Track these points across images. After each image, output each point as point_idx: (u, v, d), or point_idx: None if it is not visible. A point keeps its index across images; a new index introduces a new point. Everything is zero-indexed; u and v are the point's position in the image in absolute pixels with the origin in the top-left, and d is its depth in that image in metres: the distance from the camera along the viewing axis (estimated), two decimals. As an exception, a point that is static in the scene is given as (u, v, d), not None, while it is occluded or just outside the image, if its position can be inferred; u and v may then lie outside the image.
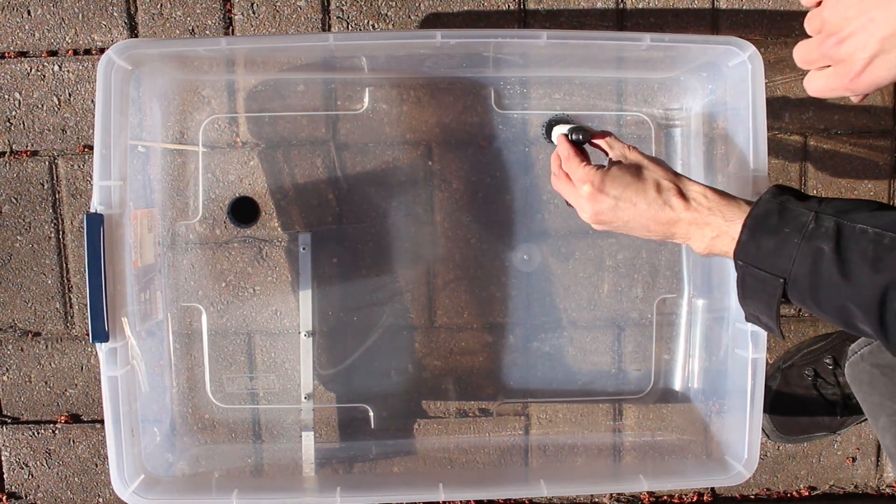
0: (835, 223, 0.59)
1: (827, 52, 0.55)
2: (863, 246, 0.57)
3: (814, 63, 0.58)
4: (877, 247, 0.57)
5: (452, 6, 0.94)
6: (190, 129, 0.92)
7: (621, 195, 0.68)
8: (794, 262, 0.60)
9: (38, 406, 0.99)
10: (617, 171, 0.69)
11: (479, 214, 0.94)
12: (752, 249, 0.62)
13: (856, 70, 0.54)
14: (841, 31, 0.54)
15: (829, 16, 0.54)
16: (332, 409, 0.97)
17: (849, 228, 0.58)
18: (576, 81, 0.93)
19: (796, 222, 0.60)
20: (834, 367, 0.96)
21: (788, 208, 0.62)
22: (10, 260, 0.96)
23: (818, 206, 0.61)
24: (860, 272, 0.57)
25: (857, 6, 0.52)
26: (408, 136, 0.93)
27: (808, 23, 0.58)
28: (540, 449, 0.99)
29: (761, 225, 0.62)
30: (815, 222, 0.60)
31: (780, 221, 0.61)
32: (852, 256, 0.57)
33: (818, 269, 0.58)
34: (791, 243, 0.60)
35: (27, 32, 0.93)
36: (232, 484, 0.88)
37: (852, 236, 0.58)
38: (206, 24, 0.94)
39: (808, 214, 0.60)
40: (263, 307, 0.95)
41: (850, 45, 0.53)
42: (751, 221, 0.63)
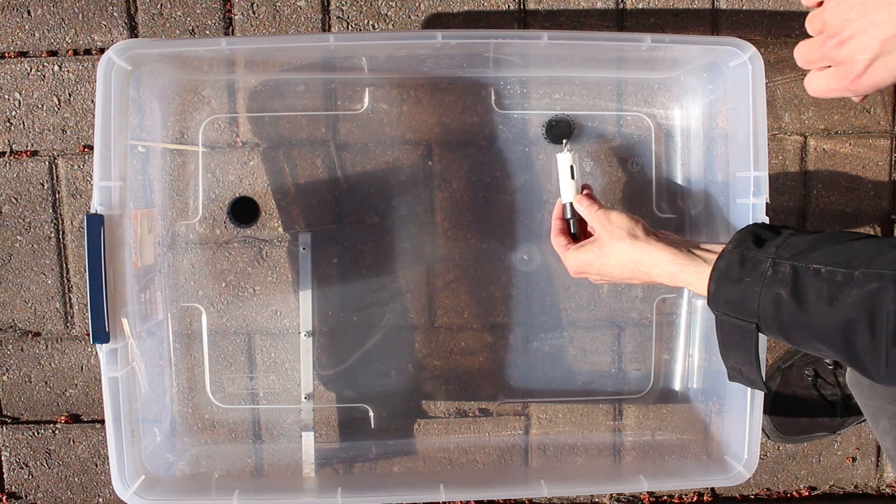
0: (790, 267, 0.62)
1: (828, 53, 0.55)
2: (818, 286, 0.60)
3: (815, 63, 0.58)
4: (830, 285, 0.59)
5: (452, 6, 0.94)
6: (190, 129, 0.92)
7: (602, 274, 0.78)
8: (759, 306, 0.63)
9: (38, 406, 0.99)
10: (590, 256, 0.78)
11: (479, 214, 0.94)
12: (721, 300, 0.66)
13: (857, 71, 0.54)
14: (842, 33, 0.54)
15: (830, 17, 0.55)
16: (332, 409, 0.97)
17: (803, 270, 0.61)
18: (576, 81, 0.93)
19: (756, 271, 0.64)
20: (834, 367, 0.97)
21: (748, 257, 0.65)
22: (10, 260, 0.96)
23: (776, 252, 0.64)
24: (818, 312, 0.59)
25: (859, 8, 0.52)
26: (408, 136, 0.93)
27: (810, 23, 0.58)
28: (540, 449, 0.99)
29: (725, 277, 0.66)
30: (773, 269, 0.63)
31: (741, 272, 0.65)
32: (809, 298, 0.60)
33: (780, 312, 0.62)
34: (753, 291, 0.63)
35: (27, 32, 0.93)
36: (232, 484, 0.88)
37: (807, 278, 0.61)
38: (206, 24, 0.94)
39: (765, 262, 0.64)
40: (263, 307, 0.95)
41: (851, 46, 0.53)
42: (715, 274, 0.67)
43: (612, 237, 0.76)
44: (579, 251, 0.79)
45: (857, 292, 0.58)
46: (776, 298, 0.62)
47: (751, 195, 0.78)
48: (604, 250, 0.77)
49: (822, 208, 0.98)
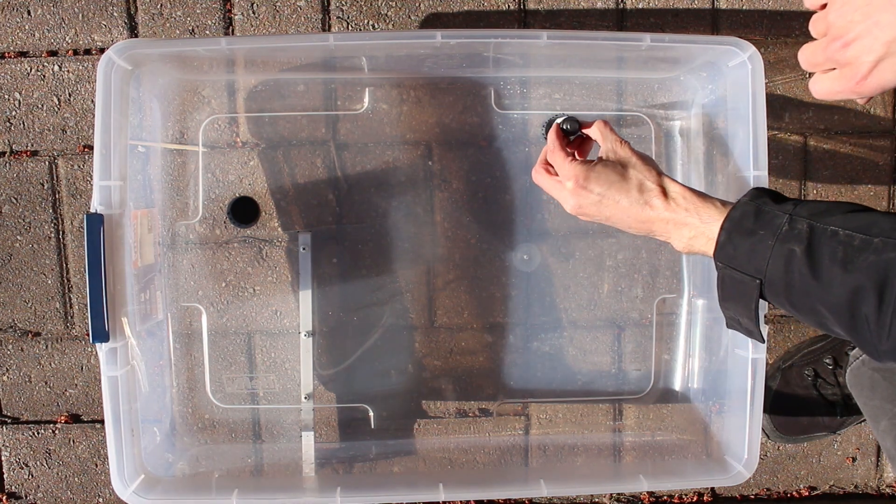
0: (807, 225, 0.60)
1: (832, 55, 0.55)
2: (833, 247, 0.59)
3: (819, 66, 0.58)
4: (847, 248, 0.58)
5: (452, 6, 0.94)
6: (190, 129, 0.92)
7: (605, 193, 0.70)
8: (768, 263, 0.61)
9: (38, 406, 0.99)
10: (602, 168, 0.71)
11: (479, 214, 0.94)
12: (729, 251, 0.64)
13: (861, 73, 0.54)
14: (846, 35, 0.54)
15: (834, 19, 0.54)
16: (332, 409, 0.97)
17: (820, 230, 0.60)
18: (576, 81, 0.93)
19: (771, 224, 0.62)
20: (834, 367, 0.96)
21: (764, 210, 0.63)
22: (10, 260, 0.96)
23: (793, 209, 0.62)
24: (830, 274, 0.58)
25: (863, 9, 0.52)
26: (408, 136, 0.93)
27: (813, 25, 0.58)
28: (540, 449, 0.99)
29: (738, 227, 0.64)
30: (789, 224, 0.61)
31: (755, 224, 0.63)
32: (823, 258, 0.59)
33: (791, 270, 0.60)
34: (765, 245, 0.61)
35: (27, 32, 0.93)
36: (232, 484, 0.88)
37: (824, 238, 0.59)
38: (206, 24, 0.94)
39: (782, 217, 0.62)
40: (263, 307, 0.95)
41: (856, 48, 0.53)
42: (728, 223, 0.64)
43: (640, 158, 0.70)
44: (591, 168, 0.70)
45: (873, 258, 0.56)
46: (789, 254, 0.60)
47: (750, 195, 0.78)
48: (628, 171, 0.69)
49: (822, 208, 0.98)
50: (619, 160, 0.71)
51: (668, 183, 0.69)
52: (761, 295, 0.63)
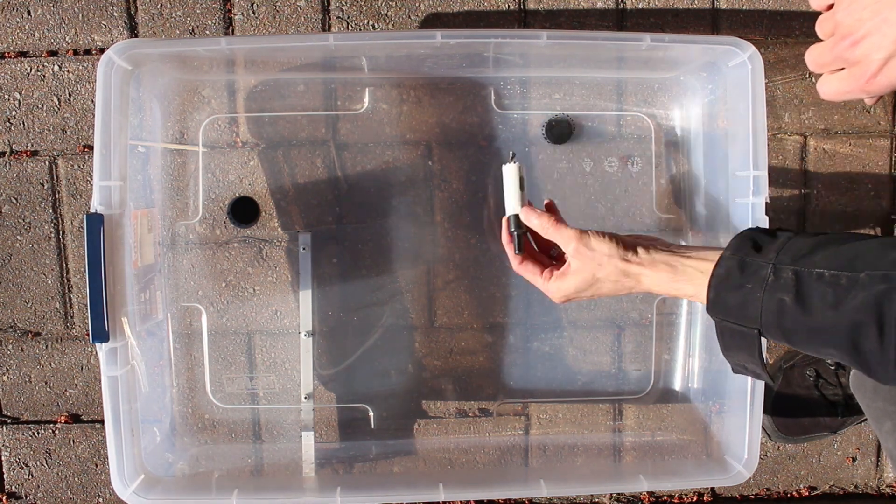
0: (793, 272, 0.61)
1: (841, 54, 0.55)
2: (822, 290, 0.59)
3: (827, 66, 0.57)
4: (835, 289, 0.58)
5: (452, 6, 0.94)
6: (190, 129, 0.92)
7: (587, 293, 0.74)
8: (761, 314, 0.62)
9: (38, 406, 0.99)
10: (573, 278, 0.73)
11: (479, 214, 0.94)
12: (721, 306, 0.65)
13: (871, 71, 0.53)
14: (855, 33, 0.53)
15: (842, 18, 0.54)
16: (332, 409, 0.97)
17: (806, 275, 0.60)
18: (576, 81, 0.93)
19: (756, 276, 0.63)
20: (836, 367, 0.96)
21: (747, 262, 0.64)
22: (10, 260, 0.96)
23: (776, 257, 0.63)
24: (824, 317, 0.58)
25: (872, 7, 0.52)
26: (408, 136, 0.93)
27: (820, 26, 0.57)
28: (540, 449, 0.99)
29: (724, 283, 0.65)
30: (774, 274, 0.62)
31: (741, 277, 0.64)
32: (814, 304, 0.59)
33: (784, 318, 0.60)
34: (755, 297, 0.62)
35: (27, 32, 0.93)
36: (232, 484, 0.88)
37: (811, 282, 0.60)
38: (206, 24, 0.94)
39: (766, 267, 0.62)
40: (263, 307, 0.95)
41: (865, 46, 0.53)
42: (714, 281, 0.65)
43: (600, 263, 0.72)
44: (564, 281, 0.74)
45: (863, 294, 0.57)
46: (779, 304, 0.61)
47: (750, 195, 0.78)
48: (594, 276, 0.72)
49: (822, 208, 0.98)
50: (584, 262, 0.72)
51: (647, 269, 0.71)
52: (762, 338, 0.64)
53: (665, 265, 0.70)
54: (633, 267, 0.71)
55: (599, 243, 0.72)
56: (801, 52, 0.95)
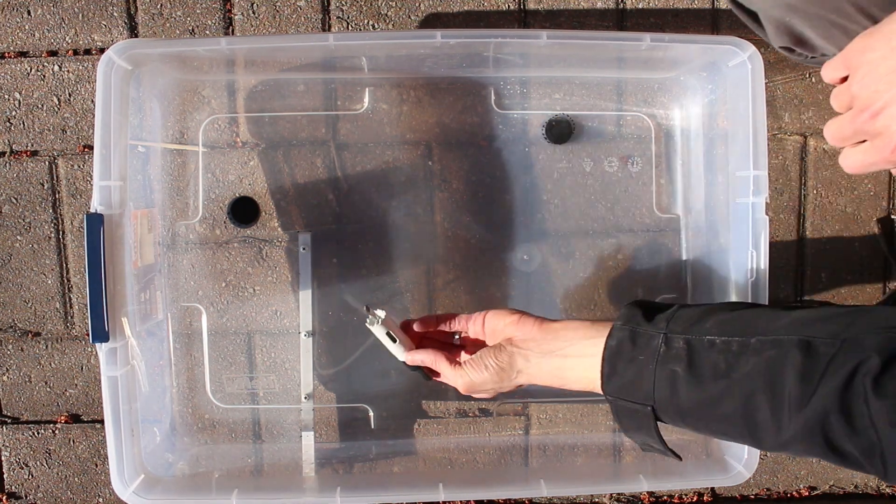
0: (684, 341, 0.60)
1: (861, 127, 0.53)
2: (714, 359, 0.58)
3: (848, 140, 0.56)
4: (727, 356, 0.58)
5: (452, 6, 0.94)
6: (190, 129, 0.92)
7: (491, 390, 0.73)
8: (654, 389, 0.60)
9: (38, 406, 0.99)
10: (476, 374, 0.72)
11: (479, 214, 0.94)
12: (616, 382, 0.63)
13: (895, 142, 0.52)
14: (873, 105, 0.52)
15: (858, 91, 0.53)
16: (332, 409, 0.97)
17: (697, 343, 0.59)
18: (576, 81, 0.93)
19: (648, 347, 0.61)
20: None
21: (639, 333, 0.63)
22: (10, 260, 0.96)
23: (667, 327, 0.62)
24: (716, 388, 0.57)
25: (887, 78, 0.51)
26: (408, 136, 0.93)
27: (836, 99, 0.56)
28: (540, 449, 0.99)
29: (617, 355, 0.63)
30: (666, 345, 0.61)
31: (633, 350, 0.62)
32: (705, 374, 0.58)
33: (677, 392, 0.59)
34: (648, 370, 0.61)
35: (27, 32, 0.93)
36: (232, 484, 0.88)
37: (702, 351, 0.59)
38: (206, 24, 0.94)
39: (657, 337, 0.61)
40: (263, 307, 0.95)
41: (885, 118, 0.51)
42: (607, 353, 0.64)
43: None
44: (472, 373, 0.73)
45: (754, 360, 0.56)
46: (671, 376, 0.59)
47: (750, 194, 0.78)
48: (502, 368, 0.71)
49: (822, 208, 0.98)
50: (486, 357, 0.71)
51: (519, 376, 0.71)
52: (657, 418, 0.62)
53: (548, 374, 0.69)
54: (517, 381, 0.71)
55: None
56: (801, 52, 0.95)
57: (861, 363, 0.52)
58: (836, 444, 0.53)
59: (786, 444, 0.56)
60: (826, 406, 0.53)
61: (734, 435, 0.59)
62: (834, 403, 0.53)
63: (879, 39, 0.51)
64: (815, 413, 0.53)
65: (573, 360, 0.67)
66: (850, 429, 0.52)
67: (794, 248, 0.99)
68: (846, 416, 0.52)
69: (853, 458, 0.54)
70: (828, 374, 0.53)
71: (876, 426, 0.51)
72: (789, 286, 0.99)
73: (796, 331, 0.57)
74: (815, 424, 0.53)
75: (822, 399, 0.53)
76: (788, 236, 0.99)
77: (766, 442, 0.57)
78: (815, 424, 0.53)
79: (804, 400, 0.54)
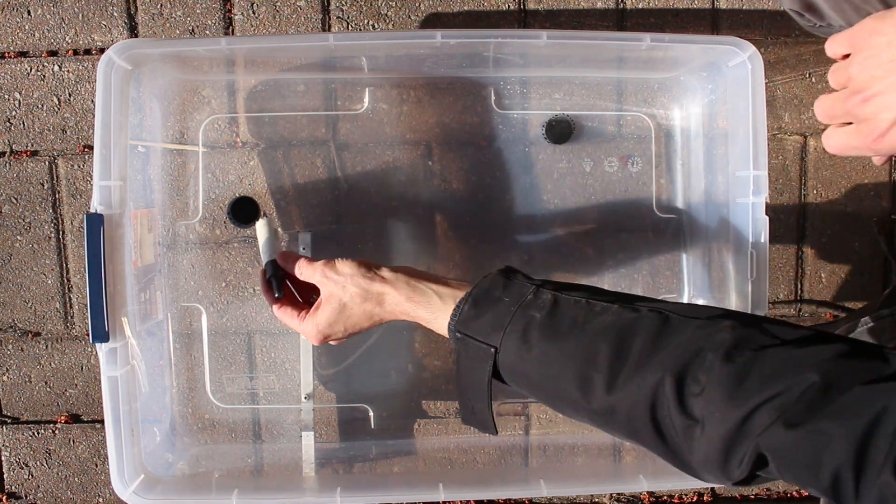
0: (552, 295, 0.61)
1: (851, 109, 0.53)
2: (573, 313, 0.59)
3: (836, 119, 0.56)
4: (587, 313, 0.59)
5: (452, 6, 0.94)
6: (190, 129, 0.92)
7: (340, 326, 0.73)
8: (505, 330, 0.61)
9: (38, 406, 0.99)
10: (323, 310, 0.73)
11: (479, 214, 0.94)
12: (472, 321, 0.63)
13: (879, 130, 0.51)
14: (867, 90, 0.51)
15: (856, 72, 0.52)
16: (332, 409, 0.97)
17: (564, 299, 0.61)
18: (576, 81, 0.93)
19: (518, 293, 0.63)
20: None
21: (514, 282, 0.64)
22: (10, 260, 0.96)
23: (541, 283, 0.64)
24: (566, 336, 0.58)
25: (887, 65, 0.50)
26: (408, 136, 0.93)
27: (833, 75, 0.55)
28: (540, 449, 0.99)
29: (486, 295, 0.64)
30: (534, 294, 0.62)
31: (503, 293, 0.63)
32: (562, 322, 0.59)
33: (527, 336, 0.60)
34: (508, 312, 0.61)
35: (27, 32, 0.93)
36: (232, 484, 0.88)
37: (567, 305, 0.60)
38: (206, 24, 0.94)
39: (529, 287, 0.63)
40: (263, 307, 0.95)
41: (876, 104, 0.51)
42: (476, 291, 0.65)
43: (343, 286, 0.71)
44: (317, 315, 0.73)
45: (612, 319, 0.57)
46: (528, 320, 0.60)
47: (751, 194, 0.78)
48: (342, 302, 0.72)
49: (822, 208, 0.98)
50: (331, 292, 0.72)
51: (382, 272, 0.72)
52: (496, 369, 0.62)
53: (405, 285, 0.70)
54: (375, 285, 0.71)
55: (343, 266, 0.73)
56: (801, 52, 0.95)
57: (712, 335, 0.53)
58: (657, 416, 0.53)
59: (613, 408, 0.55)
60: (666, 367, 0.53)
61: (564, 391, 0.58)
62: (674, 367, 0.52)
63: (890, 25, 0.50)
64: (654, 374, 0.53)
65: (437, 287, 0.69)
66: (678, 400, 0.52)
67: (794, 248, 0.99)
68: (679, 384, 0.52)
69: (669, 437, 0.53)
70: (676, 340, 0.54)
71: (707, 395, 0.51)
72: (789, 286, 0.99)
73: (659, 306, 0.58)
74: (648, 388, 0.53)
75: (661, 362, 0.53)
76: (788, 236, 0.99)
77: (594, 399, 0.56)
78: (648, 388, 0.53)
79: (646, 360, 0.54)
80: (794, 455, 0.47)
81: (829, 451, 0.45)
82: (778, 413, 0.48)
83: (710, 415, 0.51)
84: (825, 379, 0.47)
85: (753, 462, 0.50)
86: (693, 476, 0.56)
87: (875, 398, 0.46)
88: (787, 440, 0.47)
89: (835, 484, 0.46)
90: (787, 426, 0.47)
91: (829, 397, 0.47)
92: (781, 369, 0.49)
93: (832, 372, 0.48)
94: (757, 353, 0.51)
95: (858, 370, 0.48)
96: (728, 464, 0.51)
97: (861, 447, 0.44)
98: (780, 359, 0.50)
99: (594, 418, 0.58)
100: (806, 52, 0.95)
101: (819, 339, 0.52)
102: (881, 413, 0.44)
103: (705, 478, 0.55)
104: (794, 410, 0.47)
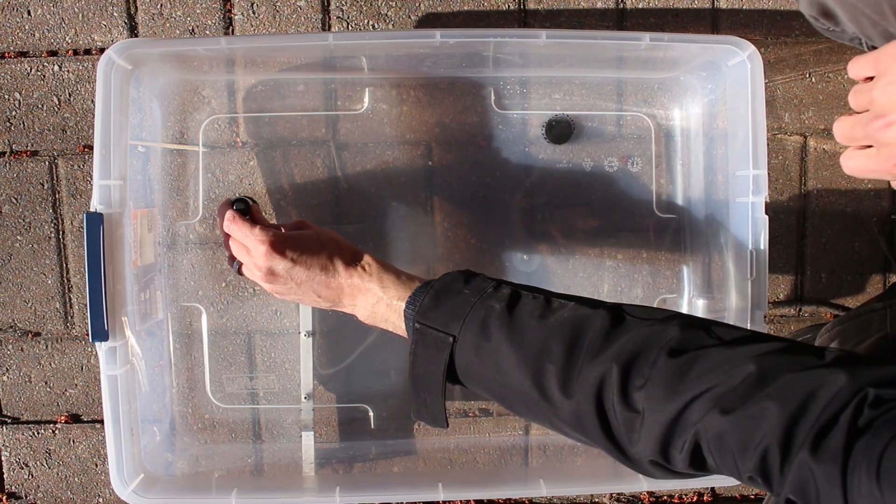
0: (512, 290, 0.63)
1: (872, 133, 0.52)
2: (532, 307, 0.60)
3: (856, 141, 0.55)
4: (544, 307, 0.60)
5: (452, 6, 0.94)
6: (190, 129, 0.92)
7: (298, 258, 0.71)
8: (465, 320, 0.61)
9: (38, 406, 0.99)
10: (297, 234, 0.73)
11: (479, 214, 0.94)
12: (431, 311, 0.64)
13: None
14: (890, 114, 0.51)
15: (879, 96, 0.52)
16: (332, 409, 0.97)
17: (525, 294, 0.62)
18: (576, 81, 0.93)
19: (478, 287, 0.64)
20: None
21: (475, 277, 0.66)
22: (10, 260, 0.96)
23: (502, 281, 0.65)
24: (523, 328, 0.59)
25: None
26: (408, 136, 0.93)
27: (854, 97, 0.55)
28: (540, 449, 0.99)
29: (447, 289, 0.65)
30: (495, 288, 0.63)
31: (464, 286, 0.64)
32: (521, 314, 0.60)
33: (487, 326, 0.60)
34: (468, 303, 0.62)
35: (27, 32, 0.94)
36: (232, 484, 0.88)
37: (526, 300, 0.62)
38: (206, 24, 0.94)
39: (490, 282, 0.65)
40: (263, 307, 0.95)
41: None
42: (437, 284, 0.66)
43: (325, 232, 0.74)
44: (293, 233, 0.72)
45: (569, 314, 0.59)
46: (488, 311, 0.61)
47: (750, 194, 0.78)
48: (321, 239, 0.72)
49: (822, 208, 0.98)
50: (310, 231, 0.74)
51: (356, 254, 0.73)
52: (451, 361, 0.62)
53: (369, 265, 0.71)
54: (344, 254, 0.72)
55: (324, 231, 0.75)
56: (801, 52, 0.95)
57: (661, 333, 0.54)
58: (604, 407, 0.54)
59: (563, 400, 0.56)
60: (614, 360, 0.54)
61: (518, 384, 0.59)
62: (621, 360, 0.54)
63: None
64: (602, 366, 0.54)
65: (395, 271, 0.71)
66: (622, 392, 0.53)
67: (794, 248, 0.99)
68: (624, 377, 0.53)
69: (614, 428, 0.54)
70: (627, 336, 0.55)
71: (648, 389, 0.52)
72: (789, 286, 0.99)
73: (616, 305, 0.60)
74: (596, 379, 0.54)
75: (611, 355, 0.54)
76: (788, 236, 0.99)
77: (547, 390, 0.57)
78: (596, 379, 0.54)
79: (597, 353, 0.55)
80: (727, 440, 0.48)
81: (759, 431, 0.47)
82: (714, 402, 0.49)
83: (650, 407, 0.52)
84: (761, 370, 0.49)
85: (692, 451, 0.51)
86: (640, 472, 0.57)
87: (806, 382, 0.47)
88: (721, 425, 0.48)
89: (762, 462, 0.47)
90: (722, 412, 0.48)
91: (763, 384, 0.48)
92: (720, 364, 0.51)
93: (768, 364, 0.50)
94: (699, 351, 0.52)
95: (793, 363, 0.50)
96: (668, 454, 0.52)
97: (788, 426, 0.45)
98: (721, 355, 0.52)
99: (545, 413, 0.59)
100: (806, 52, 0.95)
101: (759, 339, 0.54)
102: (810, 395, 0.46)
103: (648, 470, 0.56)
104: (730, 398, 0.49)
